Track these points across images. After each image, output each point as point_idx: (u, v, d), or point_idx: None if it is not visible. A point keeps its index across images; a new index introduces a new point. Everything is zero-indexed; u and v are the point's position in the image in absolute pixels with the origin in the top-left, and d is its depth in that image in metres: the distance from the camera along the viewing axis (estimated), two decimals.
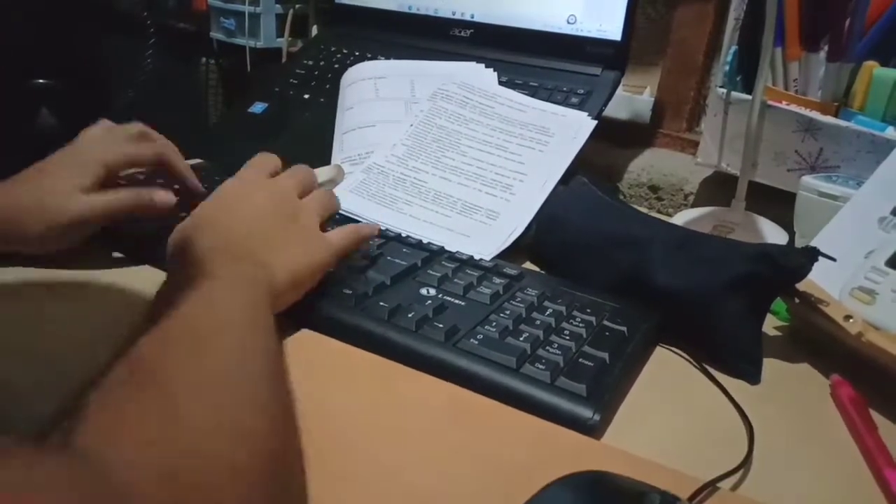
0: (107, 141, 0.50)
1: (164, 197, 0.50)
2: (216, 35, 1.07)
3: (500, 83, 0.72)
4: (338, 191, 0.50)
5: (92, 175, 0.47)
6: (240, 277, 0.35)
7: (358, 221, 0.55)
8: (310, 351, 0.39)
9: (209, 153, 0.72)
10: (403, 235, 0.52)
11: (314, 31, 1.04)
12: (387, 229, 0.52)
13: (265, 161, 0.45)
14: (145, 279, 0.45)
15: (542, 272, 0.53)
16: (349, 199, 0.57)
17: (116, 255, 0.51)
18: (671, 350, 0.43)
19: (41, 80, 1.07)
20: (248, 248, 0.38)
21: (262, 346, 0.31)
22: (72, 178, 0.47)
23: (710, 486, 0.30)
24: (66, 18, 1.08)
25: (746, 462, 0.33)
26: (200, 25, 1.11)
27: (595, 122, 0.63)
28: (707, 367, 0.42)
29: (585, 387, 0.35)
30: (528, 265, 0.54)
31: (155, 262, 0.49)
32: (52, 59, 1.07)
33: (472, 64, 0.73)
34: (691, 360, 0.43)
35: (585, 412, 0.34)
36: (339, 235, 0.43)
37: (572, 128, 0.62)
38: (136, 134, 0.52)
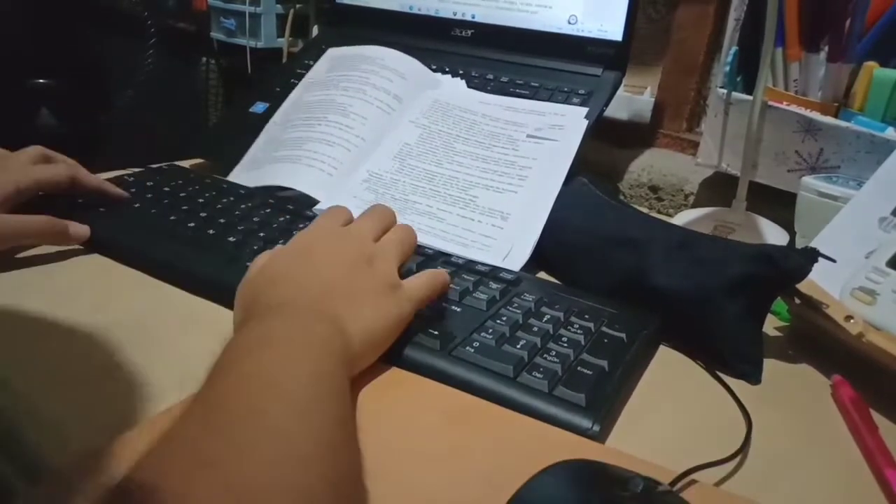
0: (13, 165, 0.50)
1: (80, 230, 0.49)
2: (216, 35, 1.07)
3: (501, 83, 0.72)
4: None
5: (2, 195, 0.46)
6: (313, 345, 0.32)
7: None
8: None
9: (209, 153, 0.72)
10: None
11: (315, 31, 1.04)
12: None
13: (338, 211, 0.43)
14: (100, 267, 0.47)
15: (540, 276, 0.52)
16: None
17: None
18: (673, 349, 0.43)
19: (41, 80, 1.07)
20: (324, 307, 0.35)
21: (329, 419, 0.28)
22: None
23: (695, 471, 0.30)
24: (67, 18, 1.09)
25: (742, 450, 0.33)
26: (201, 25, 1.11)
27: (586, 122, 0.62)
28: (709, 365, 0.42)
29: (584, 396, 0.35)
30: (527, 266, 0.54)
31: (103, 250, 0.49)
32: (52, 59, 1.07)
33: (454, 80, 0.72)
34: (694, 359, 0.43)
35: (584, 422, 0.34)
36: (416, 285, 0.40)
37: (567, 129, 0.62)
38: (40, 157, 0.52)
